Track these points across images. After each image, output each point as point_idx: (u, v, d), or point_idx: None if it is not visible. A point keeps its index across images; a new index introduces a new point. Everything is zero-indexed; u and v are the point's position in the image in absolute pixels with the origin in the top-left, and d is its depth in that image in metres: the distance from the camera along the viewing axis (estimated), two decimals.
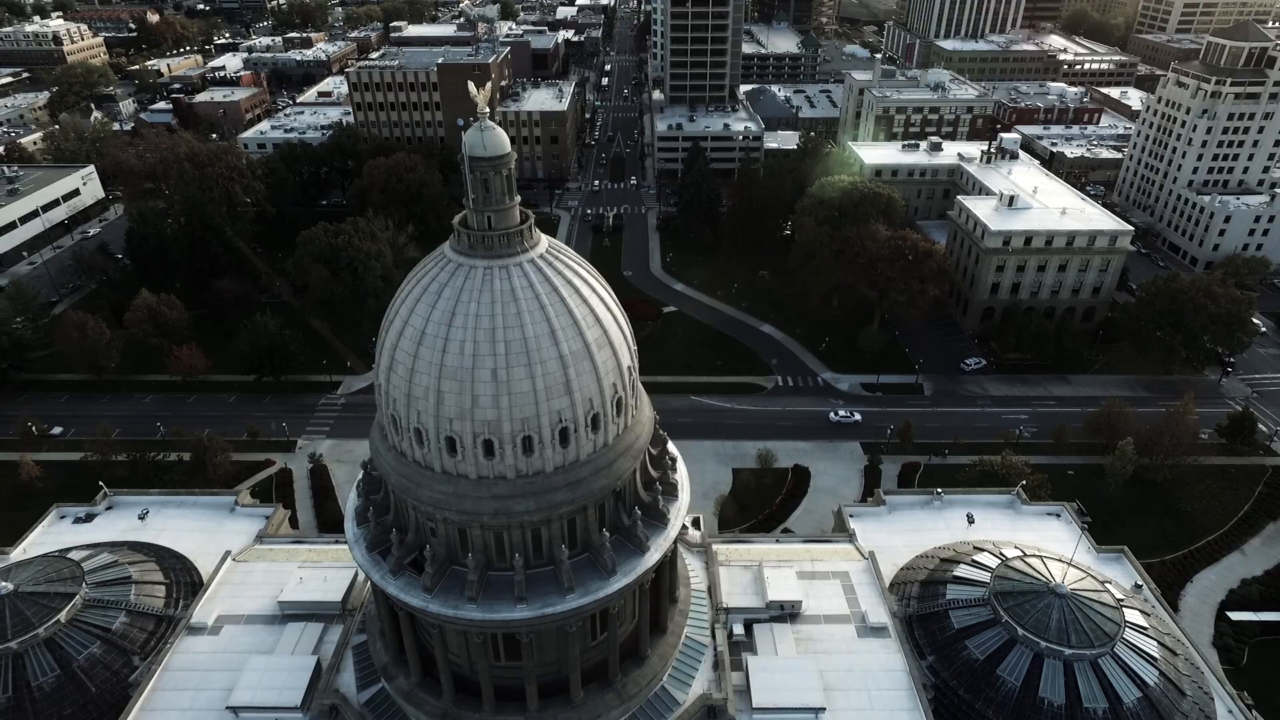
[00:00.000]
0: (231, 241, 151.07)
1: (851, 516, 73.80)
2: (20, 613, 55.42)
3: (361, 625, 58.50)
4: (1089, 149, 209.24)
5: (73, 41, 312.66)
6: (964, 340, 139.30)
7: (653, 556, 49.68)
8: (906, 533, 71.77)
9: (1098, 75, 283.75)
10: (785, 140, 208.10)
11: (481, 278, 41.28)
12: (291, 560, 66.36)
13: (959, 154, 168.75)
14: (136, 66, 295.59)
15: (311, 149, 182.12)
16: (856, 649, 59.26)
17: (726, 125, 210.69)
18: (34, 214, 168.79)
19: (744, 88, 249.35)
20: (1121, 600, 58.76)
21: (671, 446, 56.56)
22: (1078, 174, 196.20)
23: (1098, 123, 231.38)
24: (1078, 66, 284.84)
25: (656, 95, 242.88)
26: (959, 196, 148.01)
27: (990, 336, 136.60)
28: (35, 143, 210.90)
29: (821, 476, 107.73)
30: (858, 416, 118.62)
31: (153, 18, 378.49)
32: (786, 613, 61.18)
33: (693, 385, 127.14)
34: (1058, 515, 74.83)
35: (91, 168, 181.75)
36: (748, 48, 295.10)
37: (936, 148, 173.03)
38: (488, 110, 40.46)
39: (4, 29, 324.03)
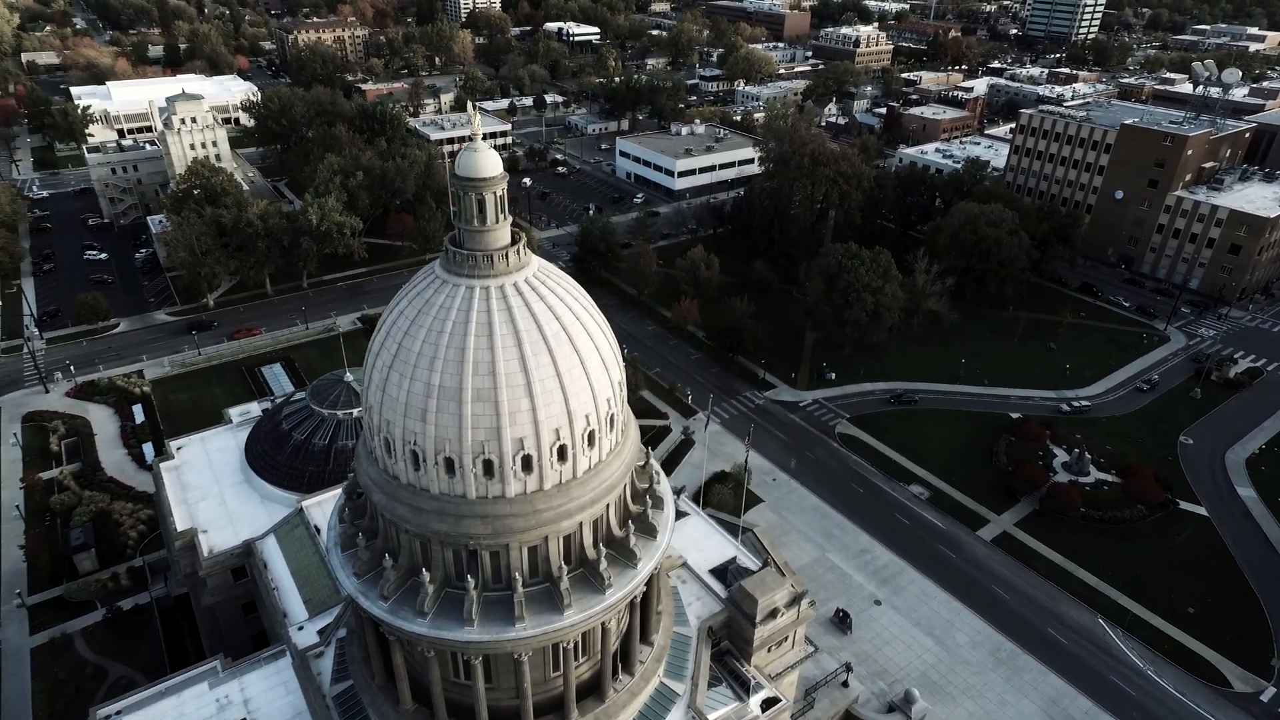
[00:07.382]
0: (794, 233, 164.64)
1: None
2: (339, 396, 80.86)
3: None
4: None
5: (867, 46, 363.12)
6: None
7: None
8: None
9: None
10: None
11: (427, 285, 42.10)
12: None
13: None
14: (894, 74, 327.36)
15: (929, 176, 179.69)
16: None
17: None
18: (711, 168, 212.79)
19: None
20: None
21: (662, 485, 52.52)
22: None
23: None
24: None
25: None
26: None
27: None
28: (762, 117, 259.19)
29: None
30: None
31: (954, 34, 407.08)
32: None
33: (1119, 609, 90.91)
34: None
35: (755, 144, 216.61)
36: None
37: None
38: (480, 134, 39.52)
39: (825, 29, 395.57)
